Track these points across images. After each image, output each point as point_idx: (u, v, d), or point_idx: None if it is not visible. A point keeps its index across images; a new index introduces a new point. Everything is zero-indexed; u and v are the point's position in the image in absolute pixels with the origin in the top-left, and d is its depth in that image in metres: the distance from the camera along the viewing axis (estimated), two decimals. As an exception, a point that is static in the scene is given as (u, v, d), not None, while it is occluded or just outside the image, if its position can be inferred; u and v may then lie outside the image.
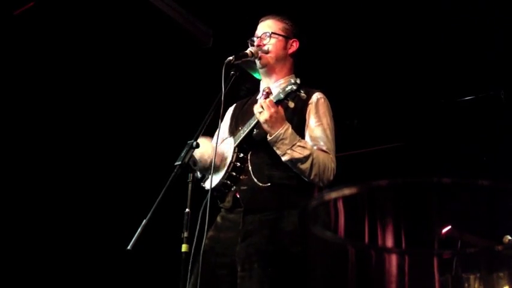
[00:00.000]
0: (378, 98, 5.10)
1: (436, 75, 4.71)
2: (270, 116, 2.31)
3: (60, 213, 4.08)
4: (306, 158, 2.33)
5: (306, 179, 2.37)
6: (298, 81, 2.34)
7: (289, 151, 2.32)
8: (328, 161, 2.39)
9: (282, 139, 2.32)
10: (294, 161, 2.33)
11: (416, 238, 5.07)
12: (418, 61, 4.58)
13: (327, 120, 2.49)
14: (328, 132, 2.46)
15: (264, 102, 2.35)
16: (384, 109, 5.25)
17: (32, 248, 3.92)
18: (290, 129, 2.35)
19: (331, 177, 2.40)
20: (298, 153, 2.32)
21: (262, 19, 2.67)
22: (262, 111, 2.33)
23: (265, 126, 2.34)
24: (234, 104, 2.75)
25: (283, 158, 2.34)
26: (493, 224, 4.29)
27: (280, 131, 2.32)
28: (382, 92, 5.00)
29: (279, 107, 2.35)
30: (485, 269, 3.81)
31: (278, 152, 2.34)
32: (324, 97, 2.55)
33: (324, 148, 2.41)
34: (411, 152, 5.22)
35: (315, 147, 2.41)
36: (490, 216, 4.35)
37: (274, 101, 2.36)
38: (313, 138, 2.44)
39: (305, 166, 2.33)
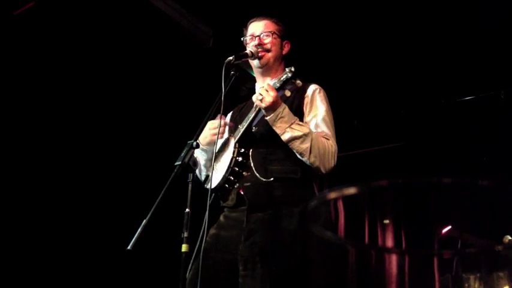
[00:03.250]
0: (378, 98, 5.10)
1: (436, 75, 4.71)
2: (273, 100, 2.31)
3: (61, 214, 4.08)
4: (306, 135, 2.33)
5: (307, 162, 2.35)
6: (292, 69, 2.36)
7: (288, 129, 2.33)
8: (328, 145, 2.38)
9: (281, 117, 2.33)
10: (293, 140, 2.33)
11: (416, 238, 5.08)
12: (418, 61, 4.58)
13: (324, 108, 2.50)
14: (326, 119, 2.47)
15: (263, 88, 2.36)
16: (384, 109, 5.25)
17: (32, 248, 3.92)
18: (287, 109, 2.37)
19: (332, 163, 2.39)
20: (297, 130, 2.33)
21: (255, 19, 2.67)
22: (262, 97, 2.33)
23: (268, 112, 2.34)
24: (230, 112, 2.75)
25: (283, 137, 2.34)
26: (493, 224, 4.29)
27: (279, 109, 2.33)
28: (382, 92, 5.00)
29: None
30: (485, 269, 3.81)
31: (278, 131, 2.34)
32: (320, 88, 2.57)
33: (323, 134, 2.42)
34: (411, 152, 5.22)
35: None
36: (490, 216, 4.35)
37: None
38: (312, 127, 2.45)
39: (305, 145, 2.32)
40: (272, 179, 2.37)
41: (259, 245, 2.28)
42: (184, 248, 2.06)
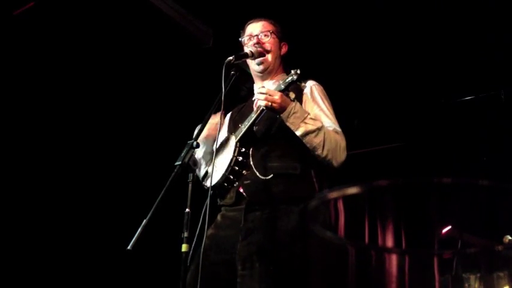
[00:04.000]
0: (378, 98, 5.10)
1: (436, 75, 4.71)
2: (281, 99, 2.32)
3: (61, 214, 4.08)
4: (319, 129, 2.35)
5: (320, 157, 2.36)
6: (298, 71, 2.36)
7: (302, 124, 2.34)
8: (339, 139, 2.41)
9: (294, 113, 2.34)
10: (307, 134, 2.34)
11: (417, 238, 5.08)
12: (418, 61, 4.58)
13: (325, 104, 2.51)
14: (330, 115, 2.49)
15: (263, 89, 2.38)
16: (384, 109, 5.25)
17: (33, 248, 3.92)
18: (299, 104, 2.39)
19: (343, 157, 2.41)
20: (311, 125, 2.34)
21: (253, 20, 2.68)
22: (272, 99, 2.32)
23: (280, 111, 2.34)
24: (229, 112, 2.75)
25: (298, 132, 2.34)
26: (493, 224, 4.29)
27: (291, 105, 2.35)
28: (382, 92, 5.00)
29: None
30: (485, 269, 3.81)
31: (292, 127, 2.35)
32: (317, 83, 2.58)
33: (332, 128, 2.43)
34: (411, 152, 5.22)
35: None
36: (490, 216, 4.35)
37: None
38: None
39: (318, 139, 2.34)
40: (271, 175, 2.37)
41: (256, 244, 2.28)
42: (184, 248, 2.06)
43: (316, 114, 2.46)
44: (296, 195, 2.35)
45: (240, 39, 2.67)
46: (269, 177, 2.37)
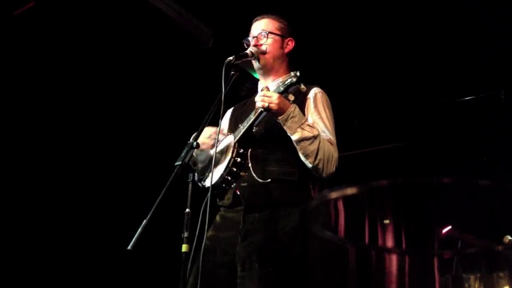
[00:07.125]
0: (378, 98, 5.10)
1: (436, 75, 4.71)
2: (278, 100, 2.31)
3: (61, 214, 4.08)
4: (315, 137, 2.34)
5: (310, 165, 2.35)
6: (298, 73, 2.36)
7: (299, 129, 2.33)
8: (332, 151, 2.40)
9: (292, 117, 2.33)
10: (303, 140, 2.33)
11: (417, 238, 5.08)
12: (418, 61, 4.58)
13: (326, 113, 2.50)
14: (328, 125, 2.48)
15: (264, 91, 2.36)
16: (384, 109, 5.25)
17: (32, 248, 3.92)
18: (298, 109, 2.37)
19: (334, 169, 2.40)
20: (307, 131, 2.33)
21: (256, 18, 2.67)
22: (270, 101, 2.32)
23: (278, 112, 2.33)
24: (232, 107, 2.75)
25: (294, 137, 2.34)
26: (493, 224, 4.29)
27: (290, 109, 2.34)
28: (382, 92, 5.00)
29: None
30: (485, 269, 3.81)
31: (288, 131, 2.34)
32: (322, 91, 2.57)
33: (327, 139, 2.43)
34: (411, 152, 5.23)
35: None
36: (490, 216, 4.35)
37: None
38: None
39: (313, 147, 2.33)
40: (269, 180, 2.37)
41: (256, 245, 2.28)
42: (184, 248, 2.06)
43: (314, 121, 2.45)
44: (292, 201, 2.35)
45: (244, 39, 2.65)
46: (267, 181, 2.37)
